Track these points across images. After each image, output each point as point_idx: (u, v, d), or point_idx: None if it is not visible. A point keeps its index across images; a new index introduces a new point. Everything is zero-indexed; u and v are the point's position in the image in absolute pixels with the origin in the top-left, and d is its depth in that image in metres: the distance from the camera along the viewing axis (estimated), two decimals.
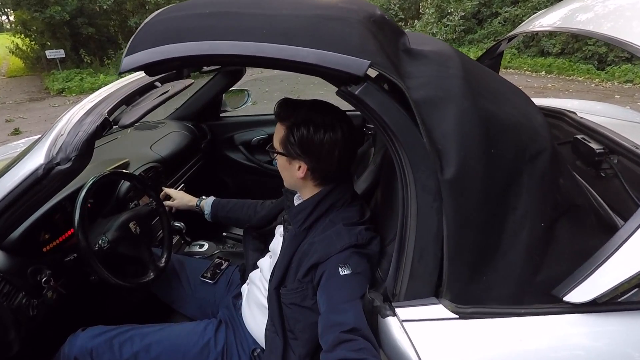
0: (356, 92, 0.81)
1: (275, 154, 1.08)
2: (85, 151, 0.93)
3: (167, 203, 1.61)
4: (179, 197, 1.65)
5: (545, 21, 1.39)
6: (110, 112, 1.01)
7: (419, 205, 0.85)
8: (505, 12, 11.15)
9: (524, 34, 1.95)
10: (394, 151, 0.87)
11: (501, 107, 0.92)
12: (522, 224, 0.87)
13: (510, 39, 1.66)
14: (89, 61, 11.34)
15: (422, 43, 0.99)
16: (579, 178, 1.16)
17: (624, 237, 0.79)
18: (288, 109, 1.03)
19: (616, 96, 7.15)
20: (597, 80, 8.46)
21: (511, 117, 0.92)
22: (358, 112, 2.48)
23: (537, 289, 0.87)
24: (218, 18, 0.83)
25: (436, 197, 0.84)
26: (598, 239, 0.89)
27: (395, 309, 0.87)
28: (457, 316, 0.84)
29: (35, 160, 0.91)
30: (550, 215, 0.91)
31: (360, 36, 0.82)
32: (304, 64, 0.78)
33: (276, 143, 1.07)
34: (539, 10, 9.50)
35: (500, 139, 0.87)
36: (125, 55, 0.79)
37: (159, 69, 0.82)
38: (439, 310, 0.85)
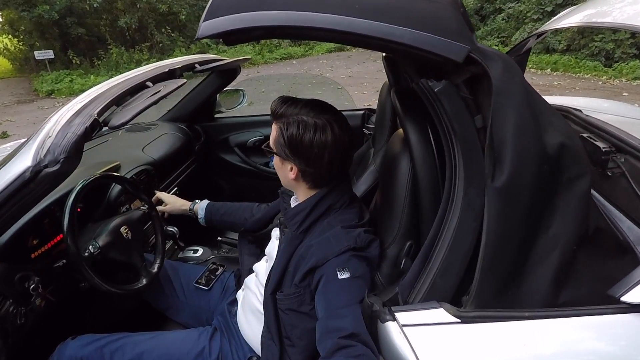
0: (436, 89, 0.80)
1: (271, 154, 1.09)
2: (74, 153, 0.93)
3: (159, 208, 1.61)
4: (171, 202, 1.66)
5: (575, 19, 1.41)
6: (100, 113, 1.01)
7: (460, 222, 0.86)
8: (509, 8, 11.20)
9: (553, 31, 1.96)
10: (452, 160, 0.87)
11: (552, 123, 0.92)
12: (555, 244, 0.88)
13: (539, 35, 1.66)
14: (78, 62, 11.35)
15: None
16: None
17: None
18: (282, 107, 1.03)
19: (624, 94, 7.18)
20: (604, 77, 8.49)
21: (559, 136, 0.93)
22: (357, 112, 2.49)
23: None
24: None
25: (477, 217, 0.85)
26: (615, 262, 0.90)
27: (395, 314, 0.87)
28: (459, 320, 0.84)
29: (23, 163, 0.91)
30: (582, 238, 0.92)
31: (457, 19, 0.80)
32: (398, 44, 0.76)
33: (271, 142, 1.08)
34: (544, 6, 9.41)
35: (551, 156, 0.88)
36: (204, 20, 0.75)
37: (238, 38, 0.78)
38: (440, 314, 0.85)
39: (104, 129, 1.04)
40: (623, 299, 0.82)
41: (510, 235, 0.85)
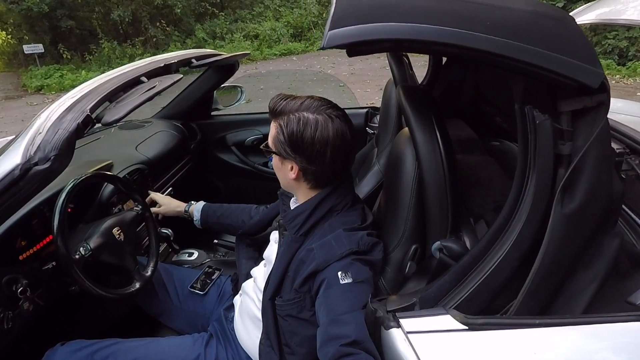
0: (538, 121, 0.80)
1: (269, 154, 1.09)
2: (65, 150, 0.93)
3: (153, 210, 1.61)
4: (165, 203, 1.66)
5: (590, 16, 1.42)
6: (93, 109, 1.01)
7: (504, 257, 0.88)
8: None
9: None
10: (520, 193, 0.88)
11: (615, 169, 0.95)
12: (592, 279, 0.90)
13: None
14: (68, 57, 11.36)
15: None
16: None
17: None
18: (281, 104, 1.03)
19: (638, 93, 7.18)
20: (617, 76, 8.48)
21: (620, 183, 0.95)
22: (360, 111, 2.50)
23: None
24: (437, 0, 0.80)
25: (521, 257, 0.87)
26: (632, 281, 0.93)
27: (400, 320, 0.87)
28: (467, 327, 0.84)
29: (12, 160, 0.91)
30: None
31: (586, 42, 0.79)
32: (532, 65, 0.75)
33: (270, 141, 1.08)
34: (555, 1, 9.39)
35: (615, 198, 0.89)
36: (330, 29, 0.75)
37: (365, 49, 0.78)
38: (447, 321, 0.85)
39: (97, 125, 1.05)
40: None
41: (561, 264, 0.86)
